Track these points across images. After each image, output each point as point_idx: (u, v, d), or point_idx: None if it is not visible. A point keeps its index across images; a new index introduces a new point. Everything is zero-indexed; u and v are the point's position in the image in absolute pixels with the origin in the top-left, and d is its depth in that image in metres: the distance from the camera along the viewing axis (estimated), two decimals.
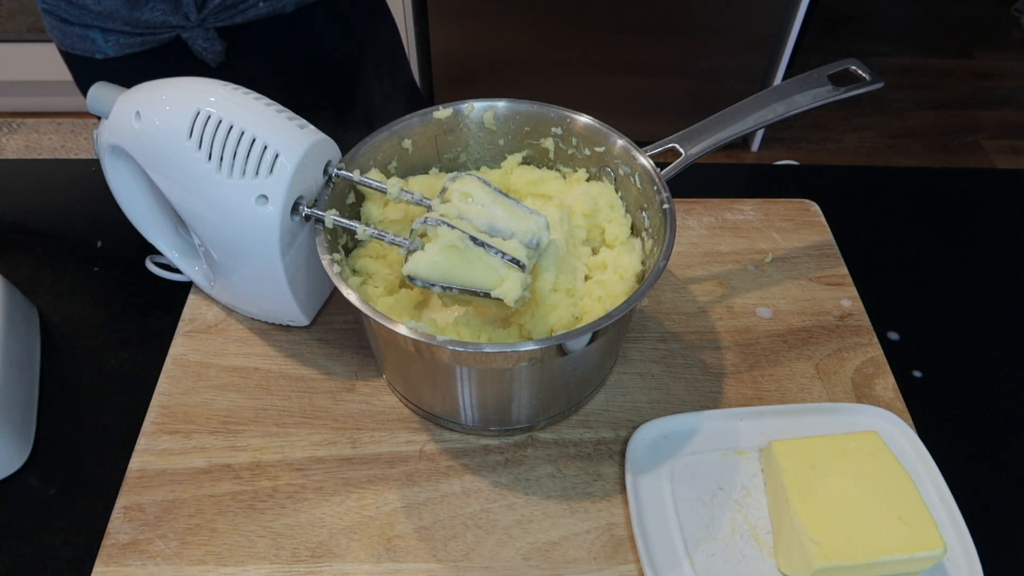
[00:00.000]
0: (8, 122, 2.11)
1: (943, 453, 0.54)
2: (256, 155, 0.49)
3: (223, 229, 0.52)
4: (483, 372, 0.49)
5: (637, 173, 0.55)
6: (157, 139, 0.50)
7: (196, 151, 0.49)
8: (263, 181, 0.49)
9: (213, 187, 0.50)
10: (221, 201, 0.50)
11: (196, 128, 0.49)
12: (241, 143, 0.49)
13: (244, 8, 0.73)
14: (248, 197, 0.50)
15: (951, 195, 0.79)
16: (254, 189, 0.49)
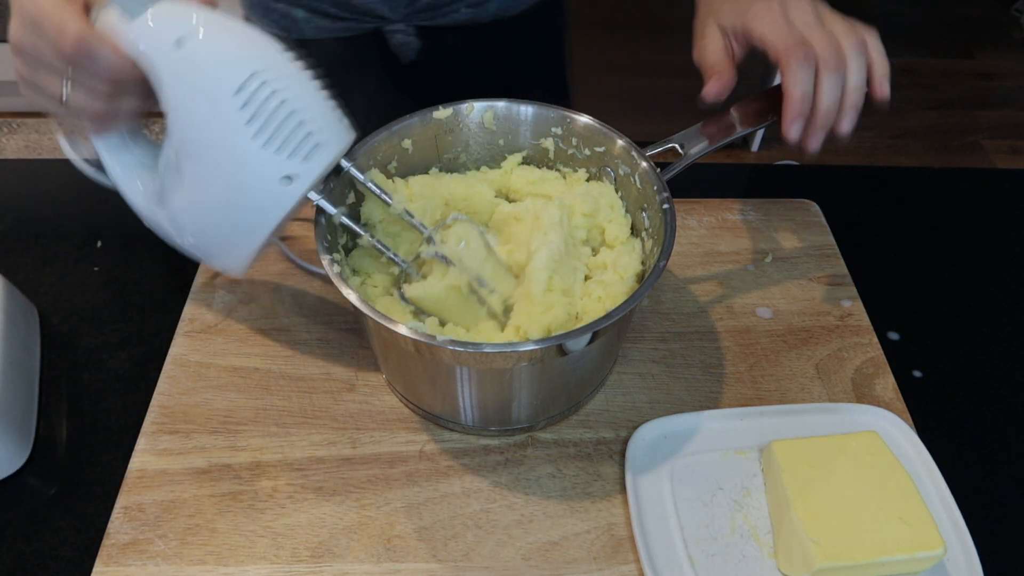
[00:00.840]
0: (8, 122, 2.11)
1: (943, 453, 0.54)
2: (298, 138, 0.47)
3: (227, 185, 0.48)
4: (483, 372, 0.49)
5: (637, 173, 0.55)
6: (194, 78, 0.45)
7: (238, 109, 0.45)
8: (296, 164, 0.47)
9: (240, 147, 0.46)
10: (242, 162, 0.47)
11: (247, 89, 0.45)
12: (288, 121, 0.46)
13: (447, 11, 0.75)
14: (274, 171, 0.47)
15: (951, 195, 0.79)
16: (284, 168, 0.47)
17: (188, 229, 0.54)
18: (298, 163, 0.47)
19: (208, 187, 0.49)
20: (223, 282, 0.66)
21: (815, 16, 0.52)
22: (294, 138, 0.47)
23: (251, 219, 0.50)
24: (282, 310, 0.64)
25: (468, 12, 0.76)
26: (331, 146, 0.48)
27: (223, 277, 0.67)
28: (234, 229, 0.51)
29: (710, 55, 0.57)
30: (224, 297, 0.65)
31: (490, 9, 0.77)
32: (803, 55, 0.51)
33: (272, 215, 0.49)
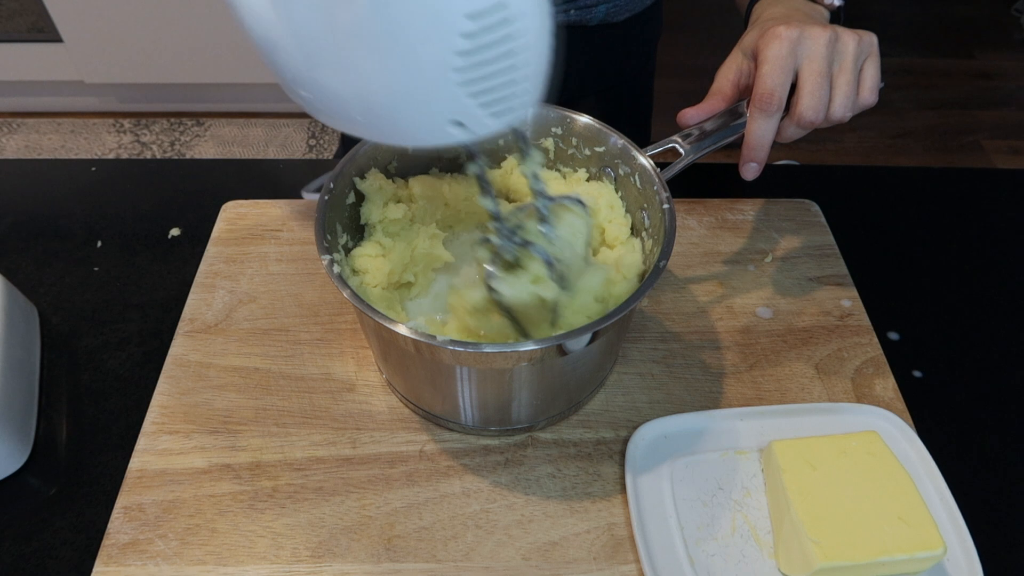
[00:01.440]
0: (8, 122, 2.11)
1: (943, 453, 0.54)
2: (498, 93, 0.38)
3: (391, 81, 0.37)
4: (483, 372, 0.49)
5: (637, 173, 0.56)
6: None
7: (457, 36, 0.35)
8: (479, 115, 0.38)
9: (434, 65, 0.36)
10: (427, 79, 0.37)
11: (484, 19, 0.35)
12: (500, 74, 0.37)
13: (556, 11, 0.76)
14: (453, 111, 0.38)
15: (951, 195, 0.79)
16: (464, 113, 0.38)
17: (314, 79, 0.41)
18: (482, 115, 0.39)
19: (372, 59, 0.37)
20: (223, 282, 0.66)
21: (825, 54, 0.52)
22: (493, 92, 0.38)
23: (390, 125, 0.40)
24: (282, 310, 0.64)
25: (576, 14, 0.78)
26: (522, 109, 0.40)
27: (223, 277, 0.67)
28: (366, 115, 0.40)
29: (718, 78, 0.59)
30: (224, 297, 0.65)
31: (598, 13, 0.79)
32: (774, 107, 0.52)
33: (415, 139, 0.41)
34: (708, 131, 0.57)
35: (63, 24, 1.86)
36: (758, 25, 0.58)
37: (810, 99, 0.52)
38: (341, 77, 0.38)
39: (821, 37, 0.52)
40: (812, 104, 0.52)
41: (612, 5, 0.79)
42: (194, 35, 1.87)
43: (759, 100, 0.52)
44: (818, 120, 0.53)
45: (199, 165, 0.82)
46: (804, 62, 0.52)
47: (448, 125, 0.38)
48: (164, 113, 2.14)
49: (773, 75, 0.52)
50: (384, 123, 0.40)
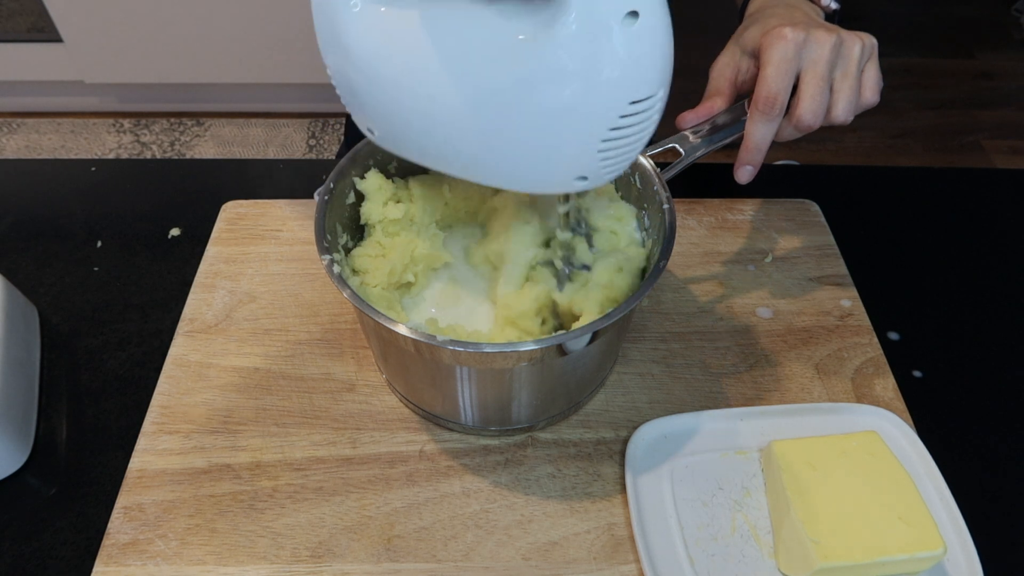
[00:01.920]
0: (8, 122, 2.11)
1: (943, 453, 0.54)
2: (626, 156, 0.41)
3: (525, 134, 0.41)
4: (483, 372, 0.49)
5: (637, 173, 0.55)
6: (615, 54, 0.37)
7: (617, 116, 0.39)
8: (602, 172, 0.42)
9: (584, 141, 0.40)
10: (569, 150, 0.41)
11: (641, 105, 0.39)
12: (634, 143, 0.41)
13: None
14: (581, 168, 0.41)
15: (951, 195, 0.79)
16: (592, 170, 0.41)
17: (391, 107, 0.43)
18: (603, 171, 0.42)
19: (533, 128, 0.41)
20: (223, 282, 0.66)
21: (829, 58, 0.51)
22: (620, 154, 0.41)
23: (519, 176, 0.44)
24: (282, 310, 0.64)
25: None
26: (633, 159, 0.43)
27: (223, 277, 0.67)
28: (497, 165, 0.44)
29: (715, 76, 0.58)
30: (224, 297, 0.65)
31: None
32: (776, 111, 0.52)
33: (537, 188, 0.45)
34: (708, 131, 0.57)
35: (63, 24, 1.86)
36: (758, 22, 0.57)
37: (810, 103, 0.52)
38: (495, 138, 0.42)
39: (826, 41, 0.51)
40: (812, 109, 0.52)
41: None
42: (194, 35, 1.87)
43: (761, 103, 0.52)
44: (816, 125, 0.53)
45: (199, 165, 0.82)
46: (807, 65, 0.52)
47: (574, 179, 0.43)
48: (164, 113, 2.14)
49: (777, 79, 0.51)
50: (518, 173, 0.44)
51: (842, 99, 0.53)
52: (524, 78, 0.38)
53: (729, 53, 0.58)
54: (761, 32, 0.54)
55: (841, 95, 0.53)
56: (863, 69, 0.53)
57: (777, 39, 0.52)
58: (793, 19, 0.55)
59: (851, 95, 0.53)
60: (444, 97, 0.41)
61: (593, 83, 0.38)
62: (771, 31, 0.52)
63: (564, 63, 0.37)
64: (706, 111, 0.57)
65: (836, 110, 0.53)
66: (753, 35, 0.56)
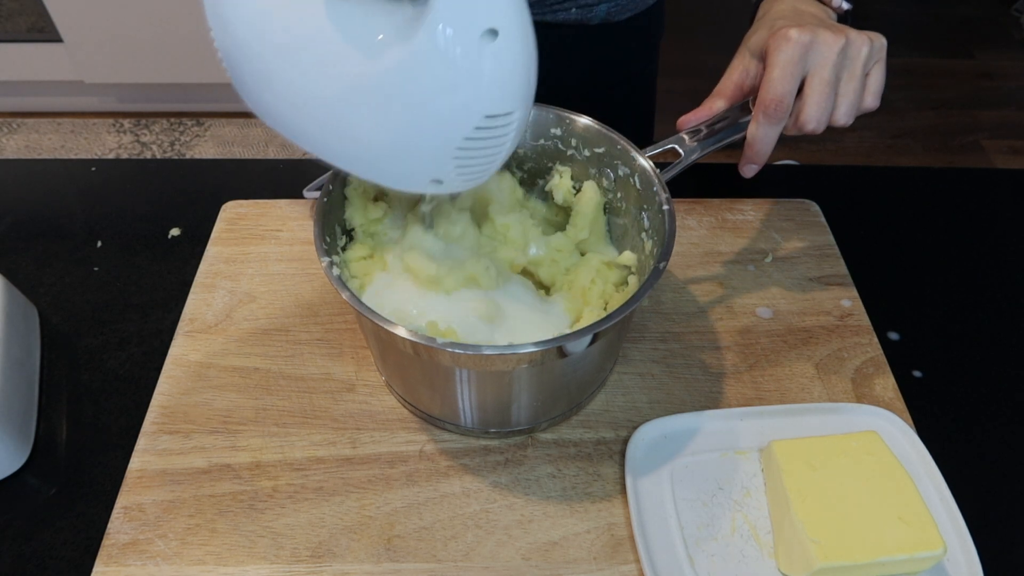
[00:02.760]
0: (8, 122, 2.11)
1: (943, 453, 0.54)
2: (481, 167, 0.43)
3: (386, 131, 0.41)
4: (482, 374, 0.49)
5: (637, 174, 0.55)
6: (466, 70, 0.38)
7: (472, 128, 0.40)
8: (457, 180, 0.43)
9: (437, 147, 0.41)
10: (422, 153, 0.42)
11: (493, 123, 0.40)
12: (489, 158, 0.42)
13: (557, 9, 0.76)
14: (435, 172, 0.43)
15: (951, 195, 0.79)
16: (445, 175, 0.43)
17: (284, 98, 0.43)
18: (457, 179, 0.44)
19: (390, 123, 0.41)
20: (223, 282, 0.66)
21: (836, 61, 0.51)
22: (474, 165, 0.43)
23: (378, 169, 0.45)
24: (282, 310, 0.64)
25: (577, 12, 0.77)
26: (485, 177, 0.45)
27: (223, 277, 0.67)
28: (358, 156, 0.44)
29: (723, 78, 0.58)
30: (224, 297, 0.65)
31: (599, 12, 0.78)
32: (781, 114, 0.51)
33: (394, 183, 0.46)
34: (708, 133, 0.57)
35: (63, 24, 1.86)
36: (766, 24, 0.56)
37: (815, 109, 0.51)
38: (350, 129, 0.42)
39: (833, 44, 0.50)
40: (816, 114, 0.51)
41: (613, 4, 0.79)
42: (195, 35, 1.87)
43: (765, 106, 0.52)
44: (820, 130, 0.52)
45: (199, 165, 0.82)
46: (813, 68, 0.51)
47: (428, 182, 0.44)
48: (164, 113, 2.14)
49: (782, 81, 0.51)
50: (374, 166, 0.45)
51: (844, 102, 0.52)
52: (381, 77, 0.39)
53: (739, 57, 0.58)
54: (769, 33, 0.54)
55: (844, 98, 0.52)
56: (869, 71, 0.53)
57: (783, 41, 0.51)
58: (801, 20, 0.54)
59: (854, 98, 0.52)
60: (305, 86, 0.41)
61: (447, 93, 0.38)
62: (777, 32, 0.52)
63: (420, 70, 0.38)
64: (706, 112, 0.56)
65: (838, 113, 0.52)
66: (761, 37, 0.55)
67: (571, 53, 0.81)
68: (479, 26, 0.36)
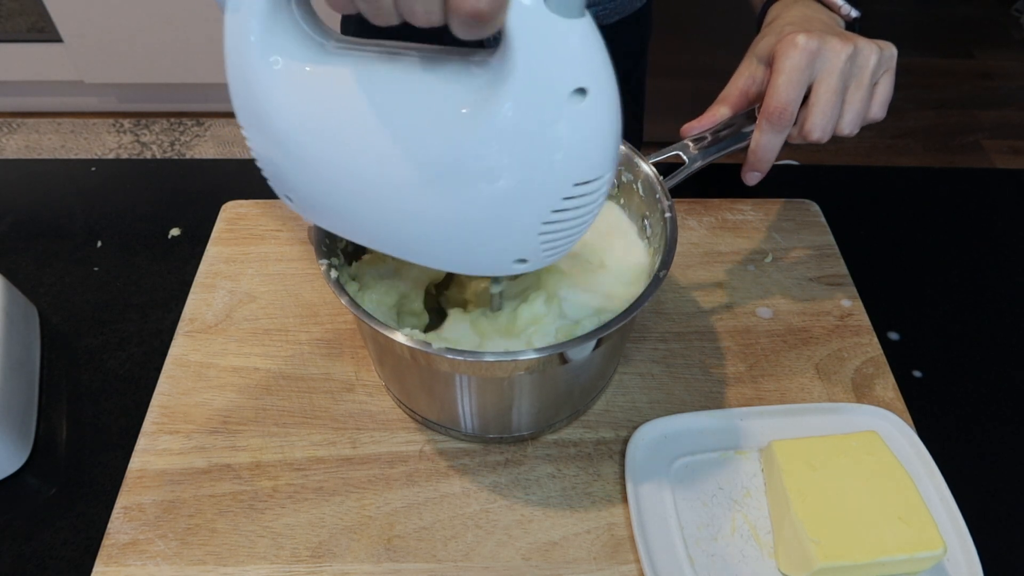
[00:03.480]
0: (8, 122, 2.11)
1: (943, 453, 0.54)
2: (568, 238, 0.39)
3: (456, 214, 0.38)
4: (482, 381, 0.49)
5: (640, 180, 0.55)
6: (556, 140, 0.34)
7: (560, 198, 0.36)
8: (542, 255, 0.40)
9: (525, 224, 0.38)
10: (510, 234, 0.38)
11: (584, 188, 0.36)
12: (576, 226, 0.38)
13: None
14: (520, 251, 0.39)
15: (951, 195, 0.79)
16: (530, 252, 0.39)
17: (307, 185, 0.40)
18: (543, 255, 0.40)
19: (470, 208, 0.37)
20: (223, 282, 0.66)
21: (843, 69, 0.50)
22: (561, 238, 0.39)
23: (455, 259, 0.41)
24: (282, 310, 0.64)
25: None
26: (575, 242, 0.41)
27: (223, 277, 0.67)
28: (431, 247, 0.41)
29: (728, 87, 0.57)
30: (224, 297, 0.65)
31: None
32: (785, 122, 0.50)
33: (475, 270, 0.42)
34: (713, 140, 0.56)
35: (63, 24, 1.86)
36: (774, 30, 0.55)
37: (820, 118, 0.50)
38: (426, 218, 0.38)
39: (841, 51, 0.49)
40: (821, 124, 0.50)
41: (601, 8, 0.78)
42: (194, 35, 1.87)
43: (770, 114, 0.51)
44: (825, 139, 0.51)
45: (199, 165, 0.82)
46: (820, 76, 0.50)
47: (513, 262, 0.40)
48: (164, 113, 2.14)
49: (788, 88, 0.50)
50: (452, 255, 0.41)
51: (850, 111, 0.51)
52: (460, 158, 0.35)
53: (745, 63, 0.57)
54: (776, 39, 0.53)
55: (849, 107, 0.51)
56: (877, 81, 0.52)
57: (790, 47, 0.50)
58: (810, 27, 0.53)
59: (860, 107, 0.51)
60: (371, 172, 0.37)
61: (536, 164, 0.35)
62: (784, 38, 0.51)
63: (504, 144, 0.34)
64: (709, 120, 0.55)
65: (843, 122, 0.51)
66: (768, 43, 0.54)
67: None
68: (566, 86, 0.33)
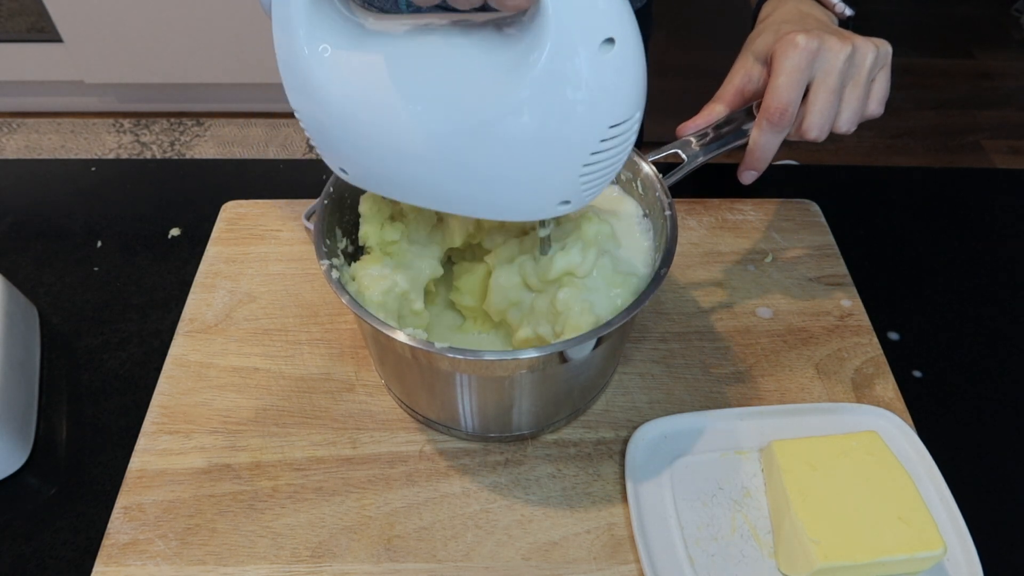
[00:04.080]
0: (8, 122, 2.11)
1: (943, 453, 0.54)
2: (605, 176, 0.41)
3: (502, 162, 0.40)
4: (482, 380, 0.49)
5: (640, 179, 0.55)
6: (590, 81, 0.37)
7: (598, 140, 0.39)
8: (583, 194, 0.42)
9: (566, 168, 0.40)
10: (552, 178, 0.40)
11: (620, 128, 0.39)
12: (613, 163, 0.41)
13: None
14: (564, 193, 0.41)
15: (951, 195, 0.79)
16: (572, 194, 0.41)
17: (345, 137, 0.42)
18: (584, 193, 0.42)
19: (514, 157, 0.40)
20: (223, 282, 0.66)
21: (841, 69, 0.50)
22: (601, 175, 0.41)
23: (500, 205, 0.43)
24: (282, 310, 0.65)
25: None
26: (611, 179, 0.43)
27: (223, 277, 0.67)
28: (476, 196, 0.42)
29: (723, 85, 0.57)
30: (224, 297, 0.65)
31: None
32: (785, 123, 0.51)
33: (520, 215, 0.44)
34: (711, 138, 0.56)
35: (63, 24, 1.86)
36: (771, 27, 0.55)
37: (818, 117, 0.50)
38: (474, 173, 0.41)
39: (840, 51, 0.49)
40: (819, 123, 0.51)
41: None
42: (194, 35, 1.87)
43: (769, 114, 0.51)
44: (822, 137, 0.52)
45: (199, 165, 0.82)
46: (819, 75, 0.50)
47: (557, 204, 0.42)
48: (164, 113, 2.14)
49: (788, 89, 0.50)
50: (498, 204, 0.43)
51: (847, 109, 0.51)
52: (504, 111, 0.38)
53: (741, 60, 0.57)
54: (774, 38, 0.53)
55: (847, 106, 0.51)
56: (874, 78, 0.52)
57: (790, 47, 0.50)
58: (806, 25, 0.53)
59: (857, 105, 0.51)
60: (423, 134, 0.40)
61: (573, 112, 0.37)
62: (784, 37, 0.51)
63: (544, 94, 0.37)
64: (705, 119, 0.55)
65: (840, 120, 0.51)
66: (766, 41, 0.54)
67: None
68: (597, 37, 0.35)
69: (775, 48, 0.51)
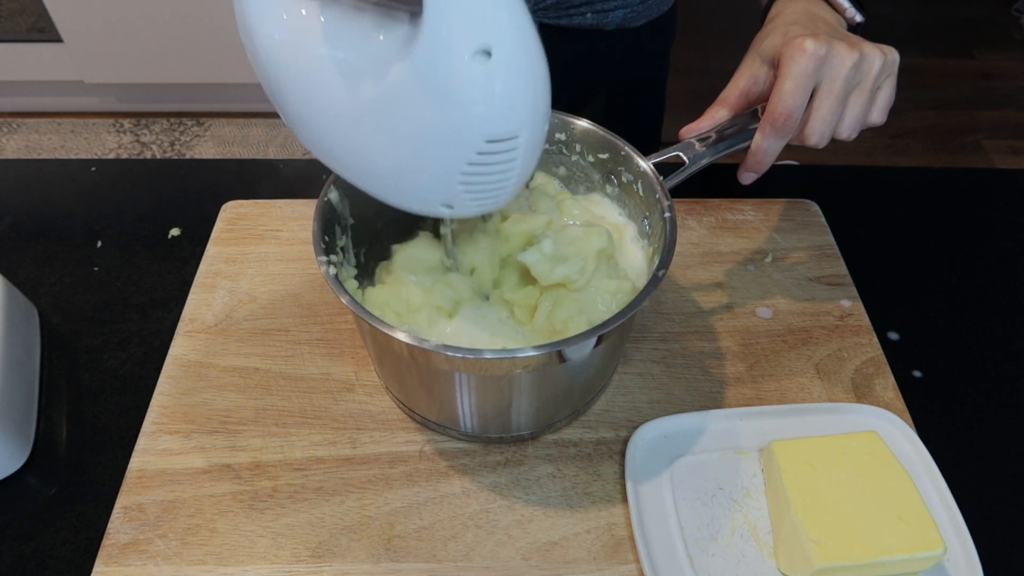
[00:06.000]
0: (8, 122, 2.11)
1: (943, 453, 0.54)
2: (492, 190, 0.42)
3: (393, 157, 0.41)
4: (481, 379, 0.49)
5: (640, 181, 0.55)
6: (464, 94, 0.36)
7: (473, 152, 0.39)
8: (467, 204, 0.43)
9: (442, 171, 0.41)
10: (429, 178, 0.41)
11: (497, 145, 0.39)
12: (498, 179, 0.41)
13: (573, 13, 0.76)
14: (443, 197, 0.42)
15: (951, 195, 0.79)
16: (455, 199, 0.42)
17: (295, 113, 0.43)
18: (468, 203, 0.43)
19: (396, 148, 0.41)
20: (223, 282, 0.66)
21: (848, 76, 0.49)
22: (483, 189, 0.42)
23: (391, 191, 0.44)
24: (282, 310, 0.64)
25: (593, 18, 0.77)
26: (500, 202, 0.44)
27: (223, 277, 0.67)
28: (373, 177, 0.44)
29: (728, 87, 0.56)
30: (224, 297, 0.65)
31: (614, 18, 0.78)
32: (789, 129, 0.50)
33: (407, 206, 0.45)
34: (714, 140, 0.55)
35: (63, 24, 1.86)
36: (779, 29, 0.54)
37: (820, 124, 0.50)
38: (363, 149, 0.42)
39: (848, 58, 0.49)
40: (820, 129, 0.50)
41: (629, 11, 0.78)
42: (194, 35, 1.87)
43: (775, 119, 0.50)
44: (823, 143, 0.51)
45: (199, 165, 0.82)
46: (824, 82, 0.49)
47: (439, 205, 0.44)
48: (164, 113, 2.14)
49: (794, 95, 0.49)
50: (387, 187, 0.45)
51: (850, 116, 0.51)
52: (386, 95, 0.38)
53: (748, 61, 0.56)
54: (782, 40, 0.52)
55: (850, 112, 0.51)
56: (879, 87, 0.52)
57: (797, 52, 0.49)
58: (815, 29, 0.52)
59: (860, 113, 0.51)
60: (324, 102, 0.40)
61: (443, 115, 0.37)
62: (792, 41, 0.50)
63: (415, 90, 0.37)
64: (707, 122, 0.55)
65: (842, 127, 0.51)
66: (773, 43, 0.53)
67: (586, 58, 0.81)
68: (470, 46, 0.34)
69: (783, 52, 0.51)
